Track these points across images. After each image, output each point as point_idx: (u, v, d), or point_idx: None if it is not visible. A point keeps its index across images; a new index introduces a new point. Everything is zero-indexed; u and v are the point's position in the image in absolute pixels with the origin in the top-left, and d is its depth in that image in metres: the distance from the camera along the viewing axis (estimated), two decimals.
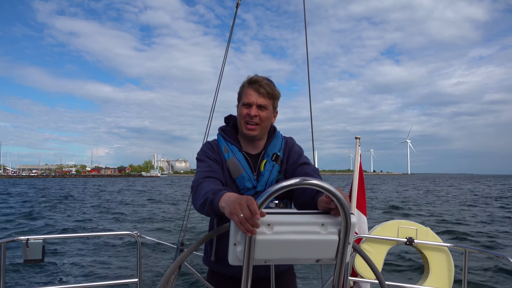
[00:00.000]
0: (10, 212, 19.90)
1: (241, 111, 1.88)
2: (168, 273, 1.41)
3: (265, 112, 1.86)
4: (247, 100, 1.84)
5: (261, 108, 1.85)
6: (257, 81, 1.84)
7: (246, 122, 1.86)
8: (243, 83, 1.91)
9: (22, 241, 2.63)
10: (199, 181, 1.72)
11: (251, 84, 1.85)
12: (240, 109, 1.89)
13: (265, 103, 1.85)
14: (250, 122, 1.85)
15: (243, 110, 1.86)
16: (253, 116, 1.83)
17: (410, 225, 3.24)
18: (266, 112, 1.86)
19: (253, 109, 1.83)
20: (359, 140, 3.81)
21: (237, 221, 1.18)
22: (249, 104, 1.84)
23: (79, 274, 7.72)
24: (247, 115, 1.85)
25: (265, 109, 1.85)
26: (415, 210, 20.96)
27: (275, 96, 1.88)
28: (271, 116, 1.92)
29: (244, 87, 1.89)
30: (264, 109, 1.85)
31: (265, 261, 1.25)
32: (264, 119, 1.86)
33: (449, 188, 52.32)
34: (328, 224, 1.24)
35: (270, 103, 1.87)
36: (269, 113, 1.88)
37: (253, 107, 1.83)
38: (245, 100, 1.85)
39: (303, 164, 1.91)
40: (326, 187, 1.15)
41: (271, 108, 1.89)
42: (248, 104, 1.84)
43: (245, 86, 1.89)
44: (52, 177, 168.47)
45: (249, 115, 1.84)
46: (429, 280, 3.12)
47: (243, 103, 1.86)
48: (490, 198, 31.68)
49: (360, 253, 1.54)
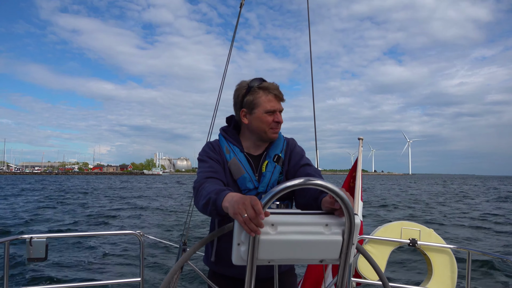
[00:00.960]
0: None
1: (265, 118, 1.89)
2: (171, 273, 1.41)
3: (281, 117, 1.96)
4: (272, 108, 1.88)
5: (280, 113, 1.93)
6: (273, 88, 1.89)
7: (271, 128, 1.91)
8: (251, 88, 1.89)
9: (25, 239, 2.64)
10: (201, 182, 1.72)
11: (270, 91, 1.88)
12: (263, 116, 1.89)
13: (282, 108, 1.94)
14: (276, 128, 1.92)
15: (267, 118, 1.89)
16: (280, 122, 1.92)
17: (413, 227, 3.23)
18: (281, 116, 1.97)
19: (279, 116, 1.91)
20: (362, 141, 3.80)
21: (241, 221, 1.18)
22: (274, 111, 1.89)
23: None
24: (273, 122, 1.90)
25: (281, 112, 1.94)
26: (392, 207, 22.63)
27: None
28: None
29: (258, 93, 1.88)
30: (281, 112, 1.94)
31: (268, 261, 1.25)
32: (281, 123, 1.95)
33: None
34: (332, 225, 1.23)
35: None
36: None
37: (278, 113, 1.90)
38: (269, 108, 1.88)
39: (305, 165, 1.91)
40: (330, 188, 1.15)
41: None
42: (273, 111, 1.88)
43: (259, 93, 1.88)
44: (56, 174, 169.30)
45: (276, 122, 1.90)
46: (432, 282, 3.11)
47: (267, 110, 1.88)
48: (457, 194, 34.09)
49: (363, 254, 1.54)
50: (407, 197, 32.35)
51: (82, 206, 22.05)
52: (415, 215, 18.45)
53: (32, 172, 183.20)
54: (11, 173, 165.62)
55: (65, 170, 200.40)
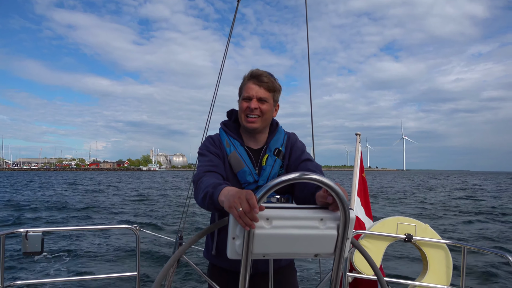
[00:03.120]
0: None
1: (241, 104, 1.89)
2: (167, 267, 1.41)
3: (266, 105, 1.86)
4: (247, 94, 1.85)
5: (262, 101, 1.85)
6: (257, 75, 1.84)
7: (247, 115, 1.86)
8: (244, 77, 1.91)
9: (21, 233, 2.63)
10: (200, 175, 1.72)
11: (252, 78, 1.86)
12: (240, 103, 1.90)
13: (266, 96, 1.85)
14: (251, 115, 1.85)
15: (243, 104, 1.87)
16: (253, 109, 1.83)
17: (409, 222, 3.24)
18: (266, 105, 1.86)
19: (253, 102, 1.83)
20: (359, 136, 3.80)
21: (236, 215, 1.18)
22: (249, 98, 1.84)
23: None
24: (247, 109, 1.85)
25: (265, 102, 1.86)
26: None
27: (275, 89, 1.88)
28: (272, 109, 1.92)
29: (245, 81, 1.89)
30: (265, 102, 1.86)
31: (263, 255, 1.25)
32: (265, 112, 1.87)
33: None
34: (327, 219, 1.24)
35: (271, 96, 1.87)
36: (269, 106, 1.88)
37: (253, 100, 1.84)
38: (245, 94, 1.86)
39: (306, 160, 1.90)
40: (325, 182, 1.15)
41: (272, 101, 1.89)
42: (248, 97, 1.85)
43: (245, 80, 1.89)
44: (53, 170, 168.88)
45: (250, 108, 1.84)
46: (428, 277, 3.13)
47: (243, 97, 1.87)
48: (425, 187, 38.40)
49: (358, 249, 1.54)
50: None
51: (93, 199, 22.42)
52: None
53: (30, 168, 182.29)
54: (10, 169, 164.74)
55: (63, 166, 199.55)
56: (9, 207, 19.04)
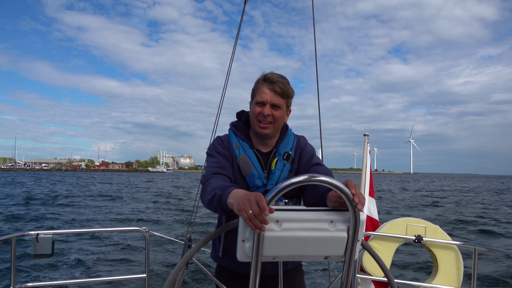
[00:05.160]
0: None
1: (254, 109, 1.84)
2: (176, 269, 1.41)
3: (279, 112, 1.83)
4: (260, 99, 1.81)
5: (275, 107, 1.81)
6: (272, 79, 1.80)
7: (259, 121, 1.83)
8: (257, 79, 1.87)
9: (32, 236, 2.66)
10: (207, 177, 1.71)
11: (266, 82, 1.81)
12: (253, 107, 1.85)
13: (279, 102, 1.81)
14: (263, 121, 1.82)
15: (256, 108, 1.83)
16: (266, 115, 1.80)
17: (419, 223, 3.22)
18: (279, 111, 1.83)
19: (267, 108, 1.80)
20: (367, 137, 3.78)
21: (246, 218, 1.17)
22: (263, 103, 1.81)
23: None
24: (260, 114, 1.81)
25: (278, 108, 1.82)
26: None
27: (289, 95, 1.84)
28: (284, 115, 1.89)
29: (258, 84, 1.85)
30: (278, 108, 1.82)
31: (273, 258, 1.25)
32: (277, 119, 1.83)
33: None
34: (337, 221, 1.23)
35: (284, 102, 1.84)
36: (282, 112, 1.84)
37: (267, 106, 1.80)
38: (258, 98, 1.81)
39: (316, 164, 1.87)
40: (335, 184, 1.14)
41: (285, 107, 1.86)
42: (262, 102, 1.81)
43: (259, 83, 1.84)
44: (65, 170, 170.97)
45: (263, 114, 1.80)
46: (438, 278, 3.10)
47: (256, 101, 1.83)
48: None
49: (368, 250, 1.53)
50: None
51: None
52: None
53: (41, 168, 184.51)
54: (22, 169, 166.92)
55: (73, 167, 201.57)
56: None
